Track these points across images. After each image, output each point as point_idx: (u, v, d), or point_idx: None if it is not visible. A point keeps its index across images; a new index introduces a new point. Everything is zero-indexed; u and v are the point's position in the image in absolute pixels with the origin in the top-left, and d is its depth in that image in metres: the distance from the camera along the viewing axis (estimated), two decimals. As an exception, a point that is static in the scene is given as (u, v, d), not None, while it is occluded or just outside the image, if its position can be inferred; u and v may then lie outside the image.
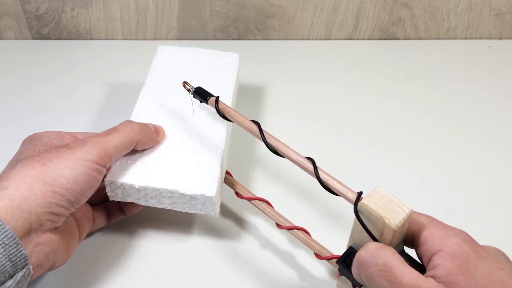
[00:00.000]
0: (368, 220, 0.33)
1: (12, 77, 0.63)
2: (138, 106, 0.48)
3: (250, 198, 0.45)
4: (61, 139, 0.41)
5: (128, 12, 0.66)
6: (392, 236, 0.32)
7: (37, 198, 0.34)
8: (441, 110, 0.62)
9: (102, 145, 0.38)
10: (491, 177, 0.54)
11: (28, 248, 0.34)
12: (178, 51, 0.54)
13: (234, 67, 0.53)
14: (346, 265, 0.36)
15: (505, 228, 0.49)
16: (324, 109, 0.61)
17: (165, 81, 0.51)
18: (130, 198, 0.43)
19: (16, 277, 0.32)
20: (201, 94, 0.44)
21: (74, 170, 0.36)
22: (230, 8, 0.67)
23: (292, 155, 0.38)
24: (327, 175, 0.36)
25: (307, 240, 0.43)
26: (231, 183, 0.46)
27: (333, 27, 0.70)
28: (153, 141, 0.44)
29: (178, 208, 0.43)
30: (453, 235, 0.32)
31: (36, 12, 0.66)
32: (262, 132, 0.39)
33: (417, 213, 0.35)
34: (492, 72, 0.68)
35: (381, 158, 0.55)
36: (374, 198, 0.33)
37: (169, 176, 0.42)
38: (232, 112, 0.42)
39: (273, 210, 0.44)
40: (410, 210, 0.33)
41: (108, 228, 0.47)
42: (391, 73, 0.67)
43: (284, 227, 0.43)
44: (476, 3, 0.69)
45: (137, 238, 0.47)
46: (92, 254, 0.45)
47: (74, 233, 0.40)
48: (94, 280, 0.43)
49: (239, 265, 0.45)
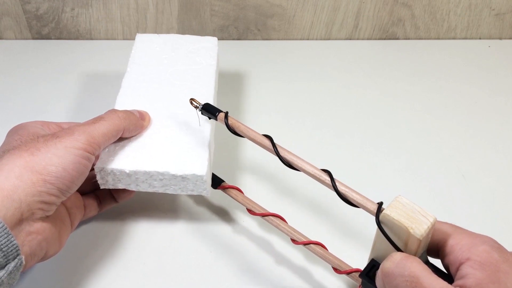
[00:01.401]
0: (391, 230, 0.32)
1: (12, 77, 0.63)
2: (121, 94, 0.48)
3: (263, 214, 0.43)
4: (47, 128, 0.41)
5: (128, 12, 0.66)
6: (417, 246, 0.31)
7: (27, 187, 0.34)
8: (441, 110, 0.62)
9: (90, 133, 0.38)
10: (491, 177, 0.54)
11: (20, 237, 0.34)
12: (157, 39, 0.55)
13: (214, 50, 0.54)
14: (369, 278, 0.35)
15: (505, 228, 0.49)
16: (324, 109, 0.61)
17: (147, 68, 0.51)
18: (121, 184, 0.43)
19: (8, 267, 0.32)
20: (209, 110, 0.43)
21: (63, 158, 0.36)
22: (230, 8, 0.67)
23: (307, 168, 0.37)
24: (345, 187, 0.36)
25: (324, 254, 0.41)
26: (243, 200, 0.45)
27: (333, 27, 0.70)
28: (139, 127, 0.44)
29: (170, 190, 0.43)
30: (481, 243, 0.31)
31: (36, 12, 0.66)
32: (275, 146, 0.39)
33: (440, 222, 0.34)
34: (492, 72, 0.68)
35: (381, 158, 0.55)
36: (396, 208, 0.32)
37: (158, 159, 0.42)
38: (242, 127, 0.41)
39: (287, 225, 0.43)
40: (435, 218, 0.32)
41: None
42: (391, 73, 0.67)
43: (300, 242, 0.42)
44: (476, 3, 0.69)
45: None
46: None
47: (66, 221, 0.40)
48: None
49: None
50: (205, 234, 0.47)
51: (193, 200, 0.50)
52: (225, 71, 0.65)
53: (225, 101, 0.56)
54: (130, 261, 0.44)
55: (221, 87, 0.57)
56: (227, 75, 0.64)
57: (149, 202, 0.49)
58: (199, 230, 0.47)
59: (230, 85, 0.63)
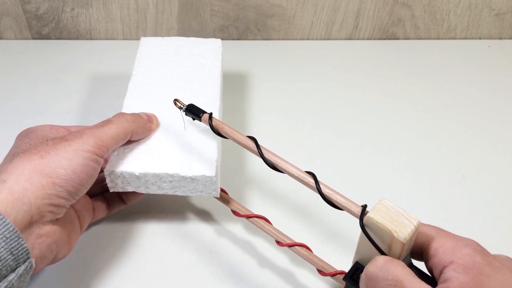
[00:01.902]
0: (375, 234, 0.32)
1: (12, 77, 0.63)
2: (128, 98, 0.48)
3: (248, 215, 0.43)
4: (56, 132, 0.41)
5: (128, 12, 0.66)
6: (401, 249, 0.32)
7: (37, 190, 0.34)
8: (441, 110, 0.62)
9: (99, 136, 0.39)
10: (491, 177, 0.54)
11: (30, 240, 0.34)
12: (161, 42, 0.55)
13: (218, 52, 0.54)
14: (353, 281, 0.35)
15: (505, 228, 0.49)
16: (324, 109, 0.61)
17: (152, 71, 0.51)
18: (130, 187, 0.43)
19: (18, 270, 0.32)
20: (193, 111, 0.43)
21: (72, 161, 0.36)
22: (230, 8, 0.67)
23: (292, 170, 0.37)
24: (329, 190, 0.35)
25: (309, 256, 0.41)
26: (227, 201, 0.45)
27: (333, 27, 0.70)
28: (147, 129, 0.44)
29: (179, 192, 0.43)
30: (464, 246, 0.31)
31: (36, 12, 0.66)
32: (260, 148, 0.38)
33: (424, 225, 0.34)
34: (492, 72, 0.68)
35: (381, 158, 0.55)
36: (380, 211, 0.32)
37: (168, 161, 0.42)
38: (226, 128, 0.41)
39: (272, 227, 0.43)
40: (418, 221, 0.32)
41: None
42: (391, 73, 0.67)
43: (285, 244, 0.41)
44: (476, 3, 0.69)
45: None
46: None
47: (75, 224, 0.40)
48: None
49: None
50: (205, 234, 0.47)
51: (196, 201, 0.50)
52: (225, 71, 0.65)
53: (225, 101, 0.56)
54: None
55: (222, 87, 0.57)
56: (227, 75, 0.64)
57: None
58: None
59: (230, 85, 0.63)
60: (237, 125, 0.58)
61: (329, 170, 0.53)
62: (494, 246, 0.48)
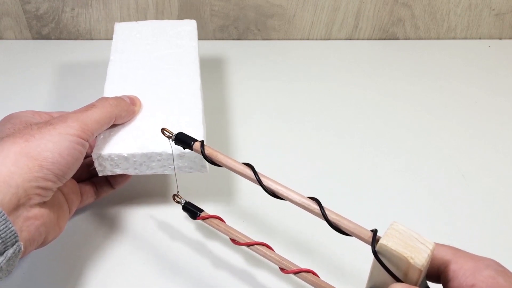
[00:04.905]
0: (389, 261, 0.30)
1: (12, 77, 0.63)
2: (109, 83, 0.49)
3: (248, 243, 0.40)
4: (38, 117, 0.41)
5: (128, 12, 0.66)
6: (418, 275, 0.30)
7: (23, 173, 0.34)
8: (441, 110, 0.62)
9: (83, 120, 0.39)
10: (491, 177, 0.54)
11: (18, 223, 0.34)
12: (136, 26, 0.55)
13: (193, 33, 0.55)
14: None
15: (505, 228, 0.49)
16: (324, 109, 0.61)
17: (130, 55, 0.52)
18: (119, 170, 0.43)
19: (6, 254, 0.32)
20: (183, 140, 0.40)
21: (58, 144, 0.36)
22: (230, 8, 0.67)
23: (294, 197, 0.35)
24: (336, 215, 0.33)
25: (317, 282, 0.38)
26: (225, 230, 0.42)
27: (333, 27, 0.70)
28: (131, 112, 0.44)
29: (168, 171, 0.43)
30: (484, 267, 0.30)
31: (36, 12, 0.66)
32: (258, 175, 0.36)
33: (439, 245, 0.32)
34: (492, 72, 0.68)
35: (381, 158, 0.55)
36: (393, 237, 0.30)
37: (155, 140, 0.42)
38: (221, 156, 0.38)
39: (275, 254, 0.40)
40: (433, 245, 0.30)
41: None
42: (391, 73, 0.67)
43: (290, 271, 0.39)
44: (476, 3, 0.69)
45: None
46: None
47: (64, 207, 0.40)
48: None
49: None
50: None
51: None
52: (225, 71, 0.65)
53: (225, 101, 0.56)
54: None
55: (222, 88, 0.57)
56: (227, 75, 0.65)
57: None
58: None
59: (230, 85, 0.63)
60: (237, 124, 0.58)
61: (329, 170, 0.53)
62: (494, 246, 0.48)
